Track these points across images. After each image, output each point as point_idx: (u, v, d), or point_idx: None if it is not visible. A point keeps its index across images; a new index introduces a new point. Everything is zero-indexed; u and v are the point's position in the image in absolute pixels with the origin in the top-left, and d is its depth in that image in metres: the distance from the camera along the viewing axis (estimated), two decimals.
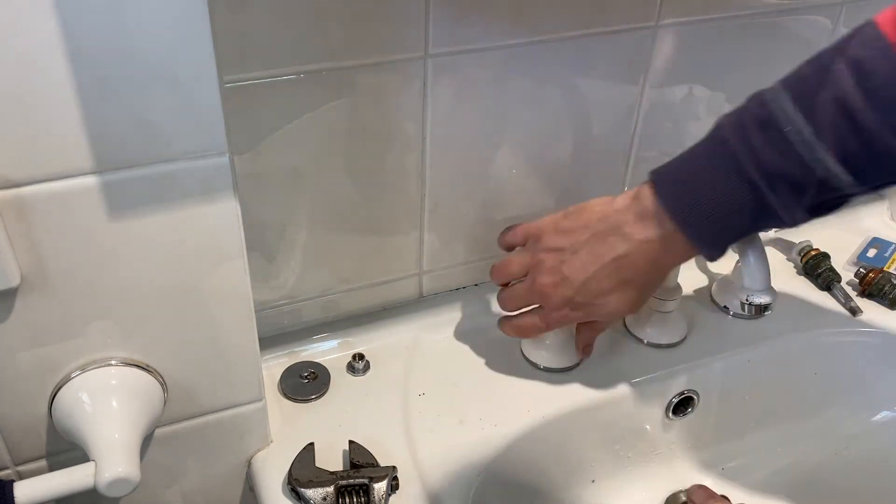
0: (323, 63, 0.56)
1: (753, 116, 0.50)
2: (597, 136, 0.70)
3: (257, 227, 0.61)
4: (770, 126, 0.49)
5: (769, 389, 0.75)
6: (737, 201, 0.51)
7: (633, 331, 0.72)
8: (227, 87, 0.53)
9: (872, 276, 0.77)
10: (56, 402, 0.49)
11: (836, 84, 0.46)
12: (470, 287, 0.75)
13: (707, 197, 0.52)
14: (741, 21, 0.69)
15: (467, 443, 0.62)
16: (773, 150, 0.49)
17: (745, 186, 0.50)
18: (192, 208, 0.46)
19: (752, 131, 0.49)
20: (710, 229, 0.53)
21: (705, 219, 0.52)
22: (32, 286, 0.44)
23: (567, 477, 0.69)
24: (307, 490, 0.55)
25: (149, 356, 0.51)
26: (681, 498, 0.73)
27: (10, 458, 0.52)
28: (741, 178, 0.50)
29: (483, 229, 0.72)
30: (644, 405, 0.69)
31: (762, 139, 0.49)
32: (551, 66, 0.64)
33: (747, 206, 0.51)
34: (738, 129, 0.50)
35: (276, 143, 0.58)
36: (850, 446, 0.77)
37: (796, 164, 0.48)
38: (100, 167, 0.42)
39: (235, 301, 0.51)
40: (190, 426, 0.56)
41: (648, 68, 0.69)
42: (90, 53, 0.39)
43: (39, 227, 0.43)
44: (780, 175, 0.49)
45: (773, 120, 0.48)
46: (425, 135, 0.63)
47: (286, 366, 0.67)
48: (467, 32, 0.59)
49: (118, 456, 0.46)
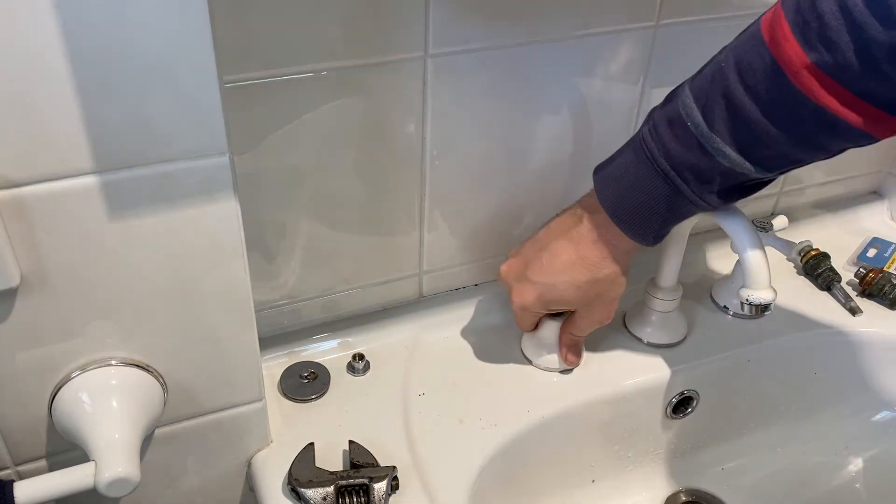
0: (323, 63, 0.56)
1: (664, 112, 0.54)
2: (597, 136, 0.70)
3: (257, 227, 0.61)
4: (675, 121, 0.53)
5: (769, 389, 0.75)
6: (656, 192, 0.55)
7: (633, 331, 0.72)
8: (227, 87, 0.53)
9: (872, 276, 0.77)
10: (56, 402, 0.49)
11: (723, 79, 0.50)
12: (470, 287, 0.75)
13: (630, 189, 0.56)
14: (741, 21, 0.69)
15: (467, 443, 0.62)
16: (679, 143, 0.53)
17: (660, 178, 0.54)
18: (192, 208, 0.46)
19: (662, 126, 0.54)
20: (637, 219, 0.57)
21: (632, 210, 0.57)
22: (32, 286, 0.44)
23: (567, 477, 0.69)
24: (307, 490, 0.55)
25: (149, 356, 0.51)
26: (681, 498, 0.73)
27: (10, 458, 0.52)
28: (656, 171, 0.54)
29: (483, 229, 0.72)
30: (644, 405, 0.69)
31: (669, 133, 0.53)
32: (551, 66, 0.64)
33: (665, 195, 0.55)
34: (652, 125, 0.55)
35: (276, 143, 0.58)
36: (850, 446, 0.77)
37: (700, 155, 0.52)
38: (100, 167, 0.42)
39: (235, 301, 0.51)
40: (190, 426, 0.56)
41: (648, 68, 0.69)
42: (90, 53, 0.39)
43: (39, 227, 0.43)
44: (688, 165, 0.53)
45: (677, 115, 0.53)
46: (425, 135, 0.63)
47: (286, 366, 0.67)
48: (467, 32, 0.59)
49: (118, 456, 0.46)
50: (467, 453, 0.61)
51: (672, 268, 0.68)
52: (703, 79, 0.52)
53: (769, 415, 0.76)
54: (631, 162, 0.56)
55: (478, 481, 0.59)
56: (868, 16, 0.43)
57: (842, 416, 0.77)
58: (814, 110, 0.47)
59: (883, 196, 0.91)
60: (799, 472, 0.76)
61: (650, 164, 0.54)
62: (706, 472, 0.74)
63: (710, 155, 0.52)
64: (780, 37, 0.47)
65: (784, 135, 0.49)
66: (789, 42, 0.46)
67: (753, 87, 0.49)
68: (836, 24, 0.44)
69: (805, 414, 0.76)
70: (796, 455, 0.76)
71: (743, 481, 0.74)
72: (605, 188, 0.58)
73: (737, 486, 0.74)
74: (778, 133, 0.49)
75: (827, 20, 0.45)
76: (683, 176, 0.53)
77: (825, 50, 0.45)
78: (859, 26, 0.44)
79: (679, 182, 0.54)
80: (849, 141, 0.50)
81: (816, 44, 0.45)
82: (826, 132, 0.49)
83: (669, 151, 0.53)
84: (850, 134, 0.49)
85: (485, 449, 0.61)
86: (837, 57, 0.45)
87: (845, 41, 0.44)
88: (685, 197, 0.54)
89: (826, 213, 0.88)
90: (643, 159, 0.55)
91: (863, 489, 0.75)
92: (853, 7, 0.44)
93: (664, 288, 0.69)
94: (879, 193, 0.91)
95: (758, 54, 0.48)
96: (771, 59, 0.48)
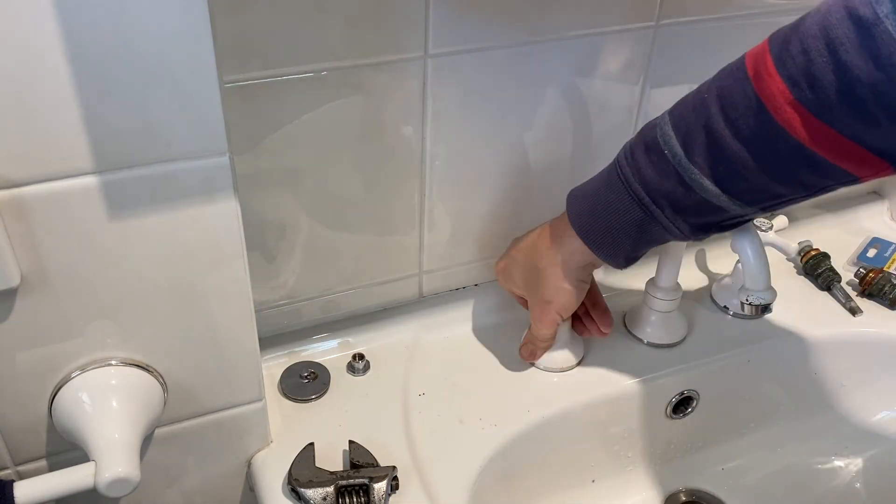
0: (323, 63, 0.56)
1: (642, 139, 0.54)
2: (597, 136, 0.70)
3: (257, 227, 0.61)
4: (652, 149, 0.53)
5: (769, 389, 0.75)
6: (630, 217, 0.55)
7: (633, 331, 0.72)
8: (227, 87, 0.53)
9: (872, 276, 0.77)
10: (56, 402, 0.49)
11: (705, 111, 0.50)
12: (470, 287, 0.75)
13: (602, 211, 0.57)
14: (741, 21, 0.69)
15: (467, 442, 0.62)
16: (655, 171, 0.53)
17: (635, 204, 0.54)
18: (192, 208, 0.46)
19: (639, 153, 0.54)
20: (604, 239, 0.57)
21: (601, 230, 0.57)
22: (32, 286, 0.44)
23: (567, 477, 0.69)
24: (307, 490, 0.55)
25: (149, 356, 0.51)
26: (681, 498, 0.73)
27: (10, 458, 0.52)
28: (631, 197, 0.55)
29: (483, 229, 0.72)
30: (644, 405, 0.69)
31: (646, 160, 0.53)
32: (551, 66, 0.64)
33: (638, 221, 0.55)
34: (629, 152, 0.55)
35: (276, 143, 0.58)
36: (850, 446, 0.77)
37: (677, 184, 0.52)
38: (100, 167, 0.42)
39: (235, 301, 0.51)
40: (190, 426, 0.56)
41: (648, 68, 0.69)
42: (90, 53, 0.39)
43: (39, 227, 0.43)
44: (664, 194, 0.53)
45: (655, 143, 0.53)
46: (425, 135, 0.63)
47: (286, 366, 0.67)
48: (467, 32, 0.59)
49: (118, 456, 0.46)
50: (467, 453, 0.61)
51: (672, 268, 0.68)
52: (685, 108, 0.52)
53: (769, 415, 0.76)
54: (604, 184, 0.57)
55: (478, 481, 0.59)
56: (855, 56, 0.42)
57: (842, 416, 0.77)
58: (794, 146, 0.47)
59: (883, 196, 0.91)
60: (799, 472, 0.76)
61: (624, 188, 0.55)
62: (706, 472, 0.74)
63: (686, 185, 0.52)
64: (764, 72, 0.47)
65: (764, 169, 0.49)
66: (773, 77, 0.46)
67: (735, 120, 0.49)
68: (821, 61, 0.44)
69: (805, 414, 0.76)
70: (796, 455, 0.76)
71: (743, 481, 0.74)
72: (575, 206, 0.59)
73: (737, 486, 0.74)
74: (757, 167, 0.49)
75: (812, 57, 0.44)
76: (658, 202, 0.54)
77: (808, 87, 0.45)
78: (844, 65, 0.43)
79: (653, 208, 0.54)
80: (830, 178, 0.49)
81: (800, 80, 0.45)
82: (806, 168, 0.48)
83: (645, 177, 0.53)
84: (831, 172, 0.48)
85: (485, 449, 0.61)
86: (820, 95, 0.44)
87: (829, 80, 0.44)
88: (658, 222, 0.55)
89: (826, 213, 0.88)
90: (616, 182, 0.55)
91: (863, 489, 0.75)
92: (839, 46, 0.43)
93: (664, 288, 0.69)
94: (879, 193, 0.91)
95: (741, 88, 0.48)
96: (753, 93, 0.47)
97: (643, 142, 0.54)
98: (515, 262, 0.65)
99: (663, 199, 0.53)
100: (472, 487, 0.59)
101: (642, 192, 0.54)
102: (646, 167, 0.53)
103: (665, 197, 0.53)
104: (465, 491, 0.58)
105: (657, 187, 0.53)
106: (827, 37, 0.44)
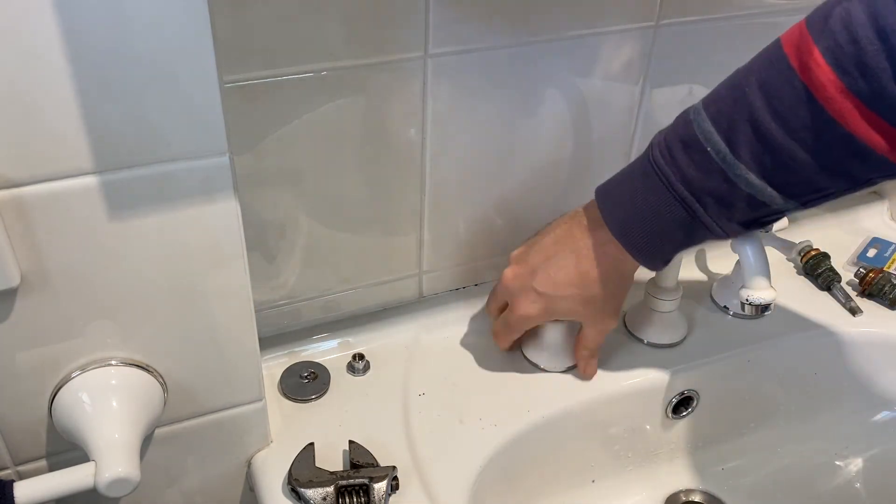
0: (323, 63, 0.56)
1: (678, 136, 0.53)
2: (597, 136, 0.70)
3: (257, 227, 0.61)
4: (692, 145, 0.52)
5: (769, 389, 0.75)
6: (672, 217, 0.54)
7: (633, 331, 0.72)
8: (227, 87, 0.53)
9: (872, 276, 0.77)
10: (56, 402, 0.49)
11: (748, 105, 0.49)
12: (470, 287, 0.75)
13: (642, 213, 0.55)
14: (741, 21, 0.69)
15: (467, 442, 0.62)
16: (698, 169, 0.52)
17: (678, 203, 0.53)
18: (192, 208, 0.46)
19: (678, 151, 0.52)
20: (647, 243, 0.56)
21: (642, 233, 0.55)
22: (32, 286, 0.44)
23: (567, 477, 0.69)
24: (307, 490, 0.55)
25: (149, 356, 0.51)
26: (681, 498, 0.73)
27: (10, 458, 0.52)
28: (674, 198, 0.53)
29: (483, 229, 0.72)
30: (644, 405, 0.69)
31: (687, 158, 0.52)
32: (551, 66, 0.64)
33: (681, 221, 0.54)
34: (664, 150, 0.53)
35: (276, 143, 0.58)
36: (850, 446, 0.77)
37: (721, 181, 0.51)
38: (100, 167, 0.42)
39: (235, 301, 0.51)
40: (190, 426, 0.56)
41: (648, 68, 0.69)
42: (90, 53, 0.39)
43: (39, 227, 0.43)
44: (708, 192, 0.52)
45: (695, 140, 0.51)
46: (425, 135, 0.63)
47: (286, 366, 0.67)
48: (467, 32, 0.59)
49: (118, 456, 0.46)
50: (467, 453, 0.61)
51: (672, 268, 0.68)
52: (723, 103, 0.51)
53: (769, 415, 0.76)
54: (640, 186, 0.55)
55: (478, 481, 0.59)
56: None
57: (842, 416, 0.77)
58: (844, 137, 0.46)
59: (883, 196, 0.91)
60: (799, 472, 0.76)
61: (665, 189, 0.53)
62: (706, 472, 0.74)
63: (731, 181, 0.51)
64: (811, 62, 0.46)
65: (812, 160, 0.48)
66: (821, 68, 0.45)
67: (782, 112, 0.48)
68: (872, 49, 0.43)
69: (805, 414, 0.76)
70: (796, 455, 0.76)
71: (743, 481, 0.74)
72: (612, 212, 0.57)
73: (737, 486, 0.74)
74: (806, 158, 0.48)
75: (863, 45, 0.43)
76: (703, 201, 0.52)
77: (860, 76, 0.44)
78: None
79: (697, 207, 0.52)
80: (878, 171, 0.49)
81: (851, 69, 0.44)
82: (855, 160, 0.48)
83: (686, 176, 0.52)
84: (881, 164, 0.48)
85: (485, 449, 0.61)
86: (873, 83, 0.44)
87: (882, 67, 0.43)
88: (702, 223, 0.53)
89: (826, 213, 0.88)
90: (656, 183, 0.53)
91: (863, 489, 0.75)
92: (891, 32, 0.42)
93: (664, 288, 0.69)
94: (879, 193, 0.91)
95: (786, 79, 0.47)
96: (801, 84, 0.46)
97: (679, 140, 0.52)
98: (563, 301, 0.61)
99: (708, 198, 0.52)
100: (472, 487, 0.59)
101: (685, 192, 0.52)
102: (687, 166, 0.52)
103: (710, 195, 0.52)
104: (465, 491, 0.58)
105: (700, 185, 0.52)
106: (877, 25, 0.43)
